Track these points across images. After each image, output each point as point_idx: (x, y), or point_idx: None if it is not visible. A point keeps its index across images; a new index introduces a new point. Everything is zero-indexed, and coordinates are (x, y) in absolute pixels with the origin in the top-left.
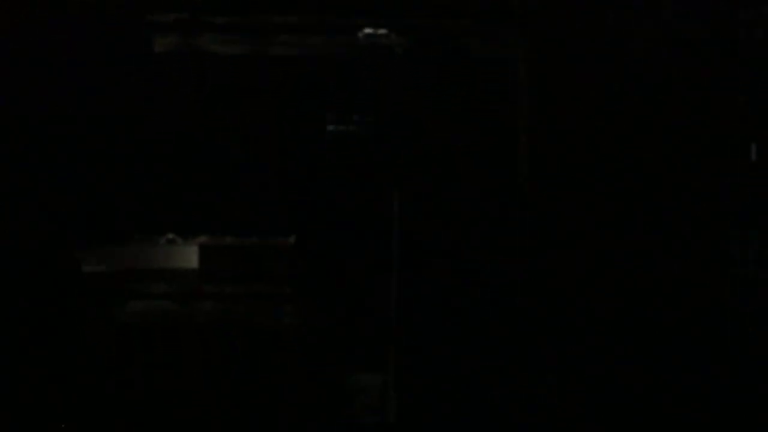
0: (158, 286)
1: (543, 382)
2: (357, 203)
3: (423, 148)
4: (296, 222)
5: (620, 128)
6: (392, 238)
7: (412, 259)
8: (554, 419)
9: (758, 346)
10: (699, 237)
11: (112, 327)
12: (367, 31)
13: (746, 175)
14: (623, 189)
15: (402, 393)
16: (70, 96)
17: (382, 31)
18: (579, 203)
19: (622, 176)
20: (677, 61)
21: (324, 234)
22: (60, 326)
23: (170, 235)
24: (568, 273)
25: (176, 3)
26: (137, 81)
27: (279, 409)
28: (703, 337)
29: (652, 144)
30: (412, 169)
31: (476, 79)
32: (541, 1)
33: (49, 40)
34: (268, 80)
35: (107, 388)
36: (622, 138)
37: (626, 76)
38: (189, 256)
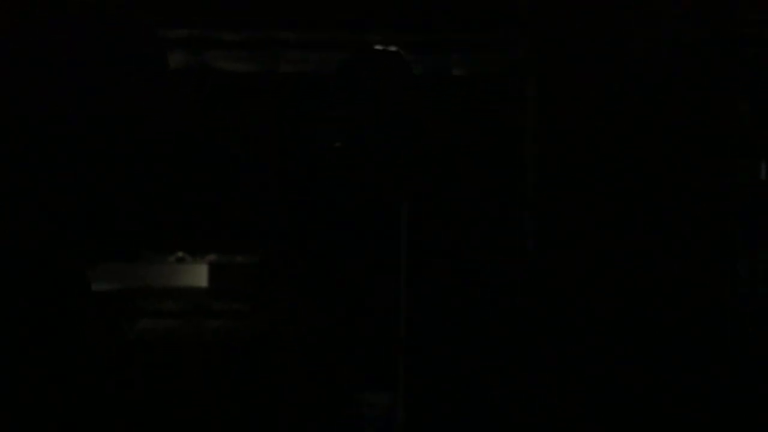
0: (167, 304)
1: (552, 390)
2: (363, 213)
3: (429, 153)
4: (302, 234)
5: (623, 130)
6: (400, 248)
7: (420, 271)
8: (558, 423)
9: (759, 347)
10: (700, 237)
11: (121, 344)
12: (377, 48)
13: (755, 191)
14: (624, 190)
15: (410, 411)
16: (80, 114)
17: (393, 47)
18: (579, 203)
19: (622, 178)
20: (681, 64)
21: (330, 245)
22: (65, 342)
23: (180, 254)
24: (568, 273)
25: (187, 19)
26: (146, 93)
27: (285, 428)
28: (703, 337)
29: (654, 145)
30: (419, 174)
31: (480, 81)
32: (543, 5)
33: (55, 51)
34: (277, 96)
35: (114, 406)
36: (624, 140)
37: (628, 77)
38: (198, 275)
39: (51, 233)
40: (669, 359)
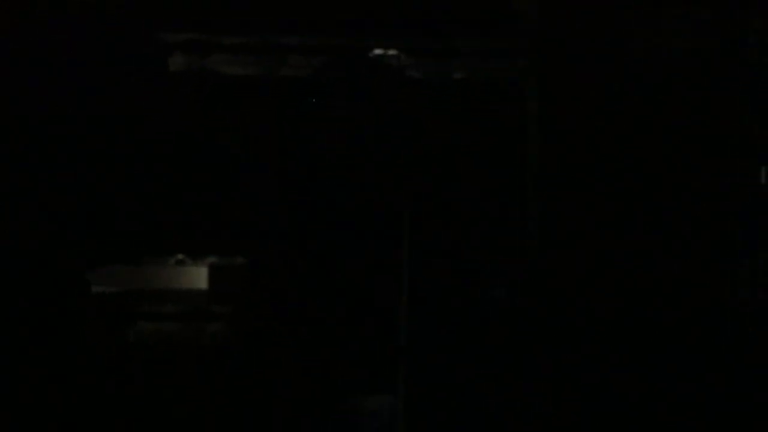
0: (167, 307)
1: (551, 391)
2: (364, 215)
3: (429, 154)
4: (306, 241)
5: (623, 130)
6: (402, 250)
7: (421, 271)
8: (557, 425)
9: (759, 347)
10: (700, 237)
11: (121, 347)
12: (377, 52)
13: (755, 191)
14: (624, 190)
15: (411, 416)
16: (84, 117)
17: (392, 52)
18: (579, 203)
19: (622, 178)
20: (681, 64)
21: (330, 246)
22: (65, 342)
23: (180, 256)
24: (568, 273)
25: (189, 23)
26: (147, 98)
27: (283, 431)
28: (703, 338)
29: (654, 145)
30: (420, 175)
31: (482, 84)
32: (545, 9)
33: (55, 51)
34: (278, 101)
35: (113, 409)
36: (624, 140)
37: (629, 78)
38: (198, 277)
39: (51, 233)
40: (669, 359)
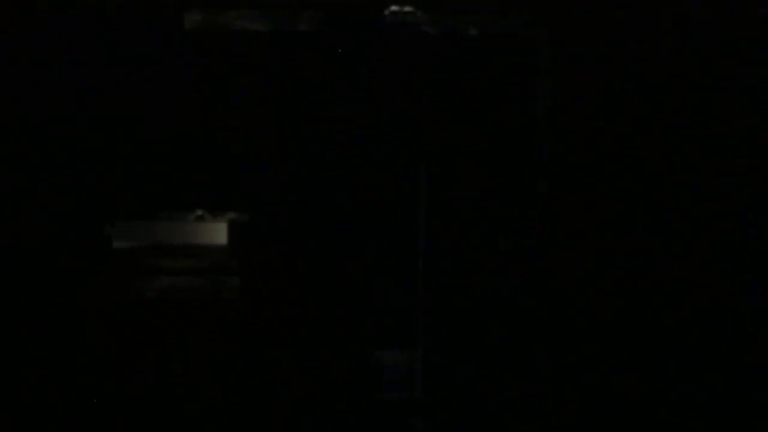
0: (187, 262)
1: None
2: (379, 184)
3: (443, 114)
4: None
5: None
6: (418, 219)
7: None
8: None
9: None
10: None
11: (139, 302)
12: (393, 8)
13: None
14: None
15: (429, 369)
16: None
17: (408, 8)
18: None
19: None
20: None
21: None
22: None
23: (199, 211)
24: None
25: None
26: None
27: (303, 385)
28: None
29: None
30: (436, 155)
31: (495, 65)
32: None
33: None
34: (291, 57)
35: (129, 365)
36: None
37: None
38: (218, 233)
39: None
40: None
